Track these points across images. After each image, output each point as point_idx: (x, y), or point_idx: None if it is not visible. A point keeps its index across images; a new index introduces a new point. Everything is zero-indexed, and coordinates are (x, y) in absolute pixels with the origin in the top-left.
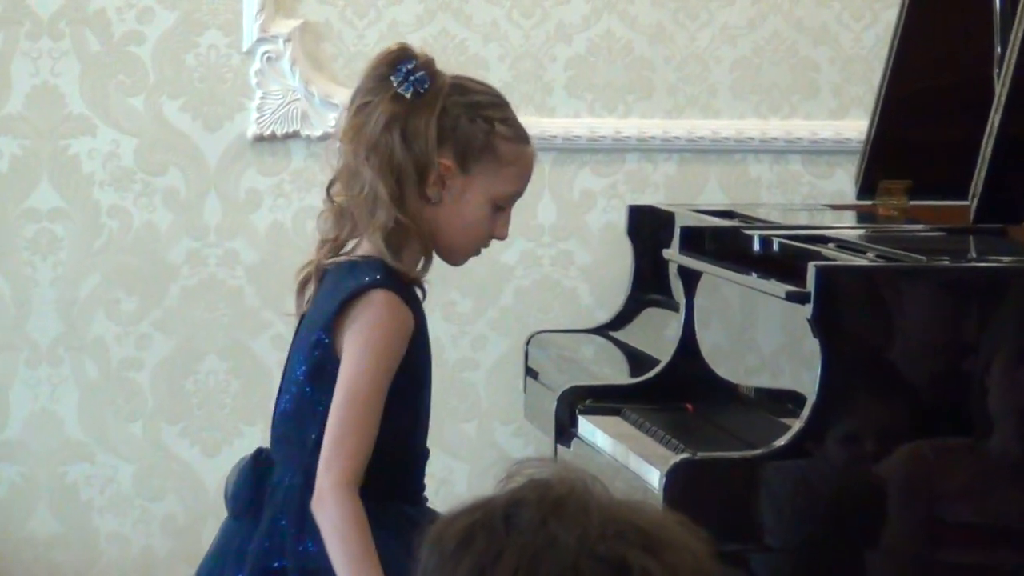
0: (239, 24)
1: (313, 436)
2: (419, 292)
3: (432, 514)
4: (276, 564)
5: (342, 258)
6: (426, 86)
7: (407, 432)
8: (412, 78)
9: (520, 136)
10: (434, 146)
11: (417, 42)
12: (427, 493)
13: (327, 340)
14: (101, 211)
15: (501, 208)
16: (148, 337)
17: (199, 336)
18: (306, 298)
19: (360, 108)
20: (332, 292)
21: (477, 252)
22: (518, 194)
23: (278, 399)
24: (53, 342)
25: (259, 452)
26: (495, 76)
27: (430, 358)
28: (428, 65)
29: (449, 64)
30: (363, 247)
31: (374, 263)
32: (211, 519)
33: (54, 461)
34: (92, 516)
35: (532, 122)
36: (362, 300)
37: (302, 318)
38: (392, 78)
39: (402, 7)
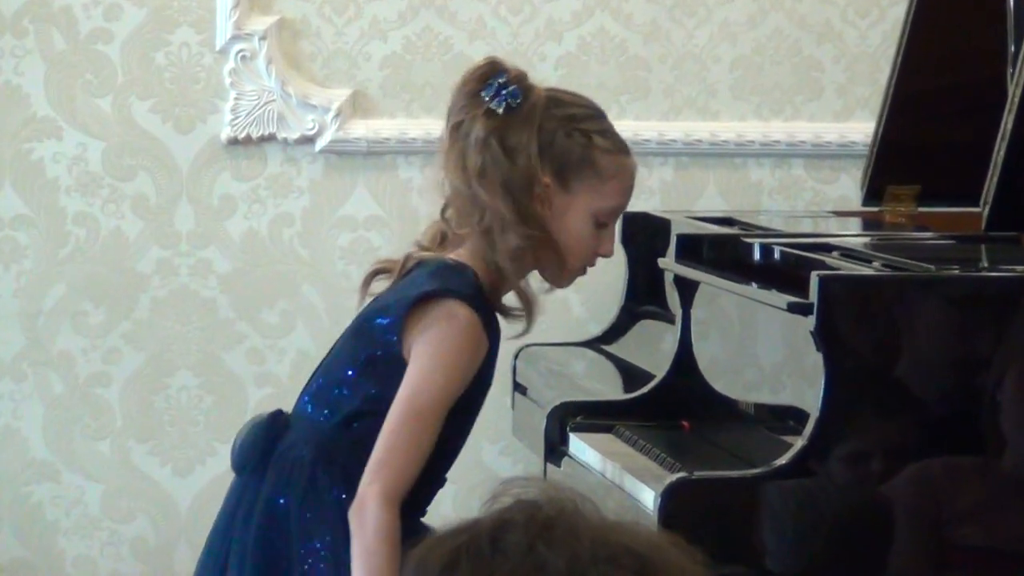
0: (212, 21)
1: (337, 418)
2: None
3: (423, 526)
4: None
5: (435, 255)
6: (519, 100)
7: (444, 454)
8: (504, 92)
9: (620, 148)
10: (536, 162)
11: (399, 40)
12: None
13: (394, 338)
14: (67, 218)
15: (604, 224)
16: (116, 351)
17: (170, 350)
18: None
19: (455, 129)
20: (416, 284)
21: (583, 272)
22: (621, 208)
23: (319, 370)
24: (16, 356)
25: (278, 413)
26: None
27: (489, 387)
28: (520, 79)
29: (433, 63)
30: (465, 251)
31: (468, 274)
32: (183, 542)
33: (18, 481)
34: (58, 539)
35: None
36: (443, 308)
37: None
38: (483, 93)
39: (384, 3)
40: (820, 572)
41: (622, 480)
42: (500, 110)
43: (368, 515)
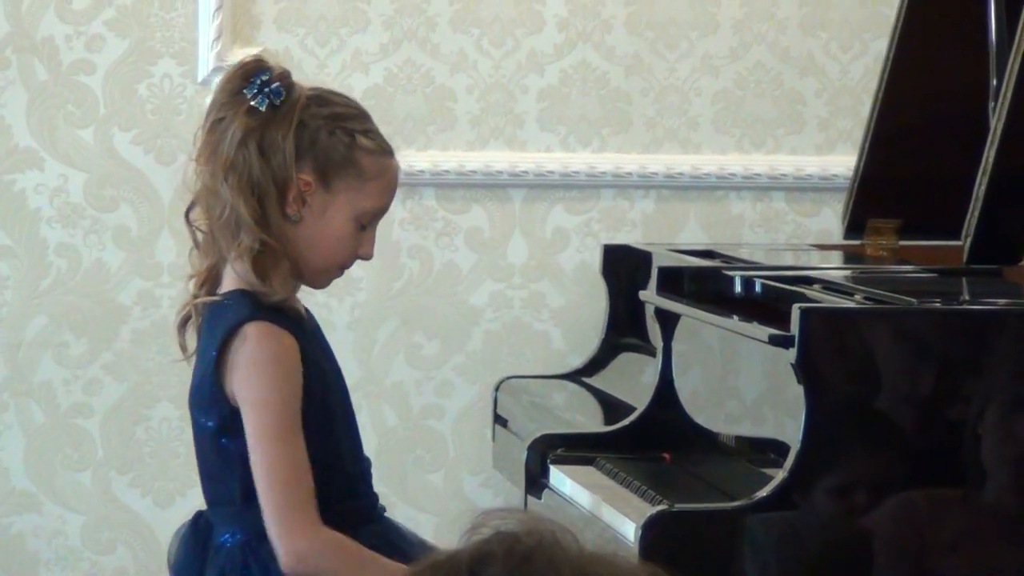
0: (194, 53)
1: (239, 490)
2: (301, 311)
3: (392, 525)
4: None
5: (211, 298)
6: (281, 98)
7: (330, 462)
8: (267, 90)
9: (383, 149)
10: (292, 161)
11: (381, 72)
12: None
13: (219, 392)
14: (48, 249)
15: (365, 226)
16: (98, 382)
17: (151, 381)
18: (188, 339)
19: (214, 125)
20: (207, 341)
21: (340, 273)
22: (383, 210)
23: (197, 456)
24: None
25: (197, 516)
26: (463, 107)
27: (333, 380)
28: (284, 77)
29: (415, 95)
30: (227, 279)
31: (238, 297)
32: (163, 574)
33: None
34: (38, 570)
35: (502, 156)
36: (236, 340)
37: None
38: (245, 91)
39: (366, 35)
40: None
41: (603, 512)
42: (262, 108)
43: (308, 554)
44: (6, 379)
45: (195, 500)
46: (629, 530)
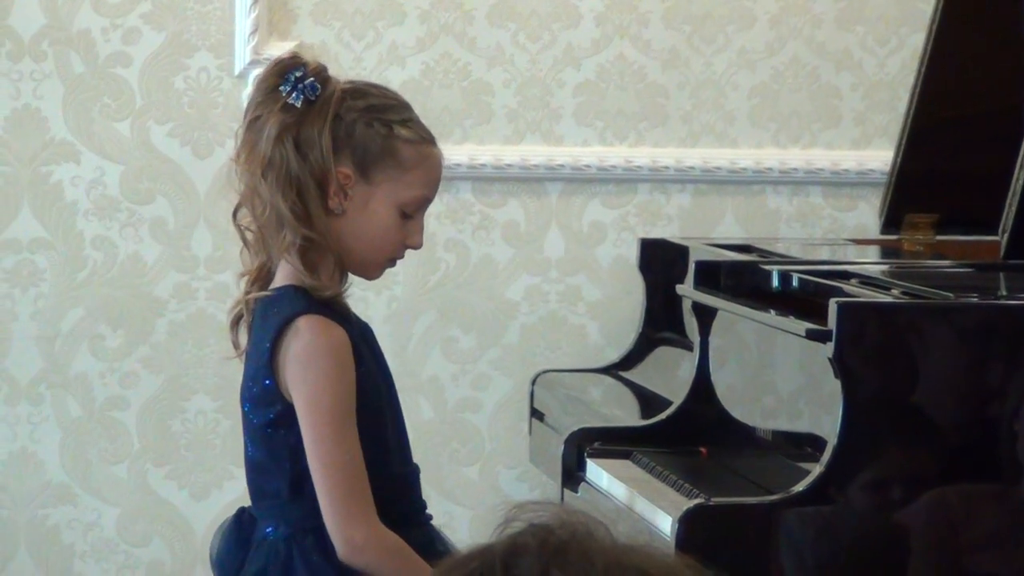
0: (231, 46)
1: (287, 484)
2: (348, 307)
3: (438, 534)
4: None
5: (263, 293)
6: (317, 93)
7: (378, 460)
8: (301, 86)
9: (423, 137)
10: (330, 154)
11: (418, 66)
12: None
13: (272, 385)
14: (85, 242)
15: (410, 215)
16: (134, 375)
17: (187, 374)
18: (240, 336)
19: (252, 123)
20: (260, 334)
21: (392, 264)
22: (427, 199)
23: (246, 449)
24: (34, 379)
25: (240, 512)
26: (500, 101)
27: (382, 375)
28: (319, 72)
29: (452, 89)
30: (279, 275)
31: (289, 291)
32: (199, 566)
33: (34, 504)
34: (74, 562)
35: (539, 150)
36: (288, 333)
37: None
38: (281, 88)
39: (402, 28)
40: None
41: (639, 506)
42: (297, 104)
43: (364, 545)
44: (42, 371)
45: (231, 493)
46: (665, 524)
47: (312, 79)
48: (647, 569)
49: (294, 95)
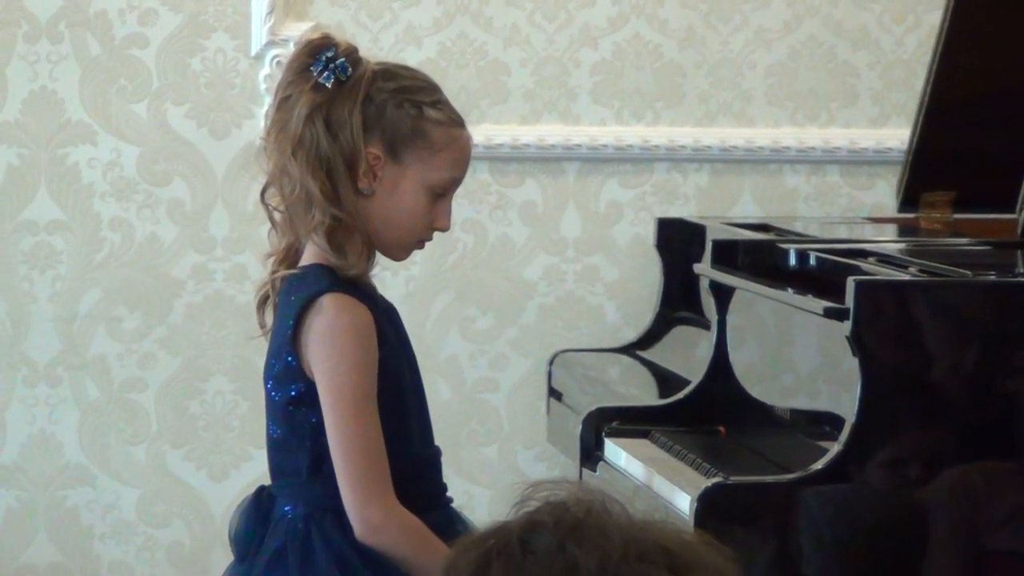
0: (247, 27)
1: (307, 463)
2: (374, 287)
3: (458, 517)
4: None
5: (288, 272)
6: (348, 74)
7: (400, 441)
8: (332, 66)
9: (453, 119)
10: (360, 135)
11: (434, 46)
12: None
13: (295, 363)
14: (102, 223)
15: (440, 196)
16: (152, 356)
17: (205, 355)
18: (266, 317)
19: (282, 102)
20: (284, 311)
21: (421, 245)
22: (456, 181)
23: (268, 427)
24: (52, 361)
25: (260, 490)
26: (517, 81)
27: (406, 357)
28: (350, 52)
29: (468, 69)
30: (306, 255)
31: (316, 269)
32: (218, 546)
33: (53, 486)
34: (93, 543)
35: (556, 130)
36: (312, 311)
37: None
38: (312, 68)
39: (419, 9)
40: None
41: (658, 485)
42: (328, 84)
43: (381, 525)
44: (60, 353)
45: (250, 474)
46: (684, 502)
47: (343, 59)
48: (665, 544)
49: (325, 75)
